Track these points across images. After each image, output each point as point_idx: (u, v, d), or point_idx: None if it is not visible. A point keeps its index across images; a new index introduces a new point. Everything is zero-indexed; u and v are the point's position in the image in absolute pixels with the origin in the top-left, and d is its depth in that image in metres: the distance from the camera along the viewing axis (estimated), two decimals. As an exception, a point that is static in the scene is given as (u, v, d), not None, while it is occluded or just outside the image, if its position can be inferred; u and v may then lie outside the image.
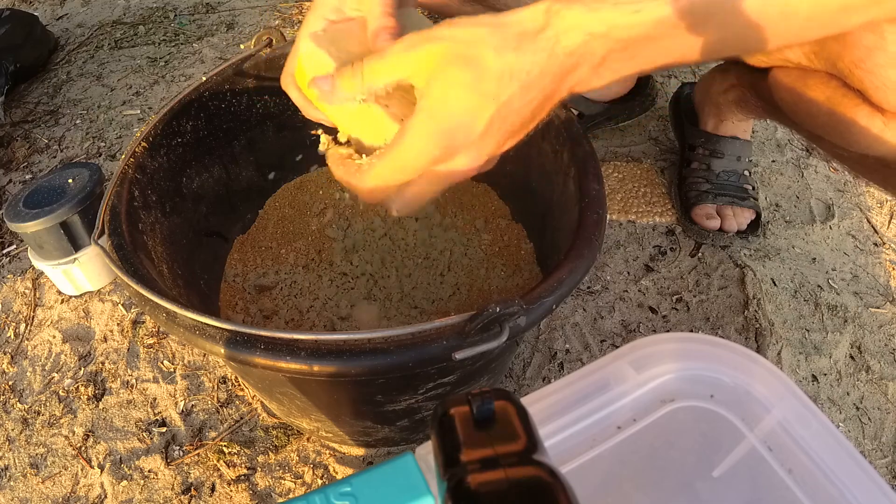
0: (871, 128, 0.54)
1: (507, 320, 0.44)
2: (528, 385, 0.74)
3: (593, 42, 0.42)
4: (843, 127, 0.56)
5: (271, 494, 0.66)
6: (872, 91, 0.52)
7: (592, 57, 0.43)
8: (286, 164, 0.82)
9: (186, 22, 1.31)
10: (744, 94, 0.79)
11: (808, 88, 0.58)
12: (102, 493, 0.67)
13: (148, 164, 0.63)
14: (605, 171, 0.96)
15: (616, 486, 0.50)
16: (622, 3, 0.42)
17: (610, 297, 0.83)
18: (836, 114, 0.56)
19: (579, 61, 0.43)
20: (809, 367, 0.77)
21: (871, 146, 0.55)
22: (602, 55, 0.43)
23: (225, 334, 0.46)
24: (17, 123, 1.10)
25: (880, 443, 0.72)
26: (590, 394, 0.45)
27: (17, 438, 0.72)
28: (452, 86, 0.42)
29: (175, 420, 0.72)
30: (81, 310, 0.82)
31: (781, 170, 1.00)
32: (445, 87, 0.42)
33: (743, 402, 0.46)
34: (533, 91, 0.43)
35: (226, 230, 0.77)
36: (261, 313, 0.72)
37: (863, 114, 0.54)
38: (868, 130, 0.54)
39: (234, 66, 0.70)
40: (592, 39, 0.42)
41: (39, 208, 0.75)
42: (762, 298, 0.82)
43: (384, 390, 0.54)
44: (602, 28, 0.42)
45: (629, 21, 0.42)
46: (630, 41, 0.42)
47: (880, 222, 0.94)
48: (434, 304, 0.72)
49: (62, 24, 1.33)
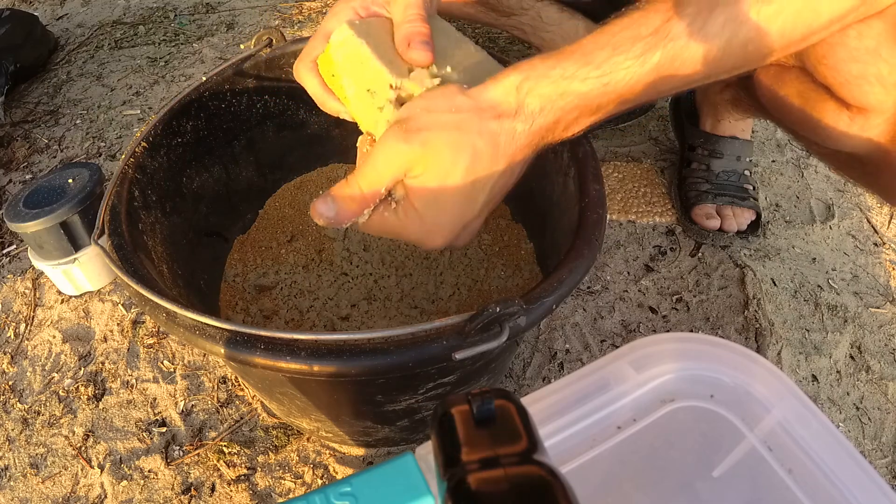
0: (838, 123, 0.54)
1: (507, 320, 0.44)
2: (528, 385, 0.74)
3: (566, 112, 0.44)
4: (814, 123, 0.56)
5: (271, 494, 0.66)
6: (837, 87, 0.52)
7: (566, 120, 0.45)
8: (286, 164, 0.82)
9: (186, 22, 1.31)
10: (738, 94, 0.79)
11: (784, 85, 0.58)
12: (102, 493, 0.67)
13: (148, 164, 0.63)
14: (605, 171, 0.96)
15: (616, 486, 0.50)
16: (590, 79, 0.43)
17: (610, 297, 0.83)
18: (807, 110, 0.57)
19: (554, 127, 0.45)
20: (809, 367, 0.77)
21: (840, 141, 0.55)
22: (575, 117, 0.45)
23: (225, 334, 0.46)
24: (17, 123, 1.10)
25: (880, 443, 0.72)
26: (590, 394, 0.45)
27: (17, 438, 0.72)
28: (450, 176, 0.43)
29: (175, 420, 0.72)
30: (81, 310, 0.82)
31: (781, 170, 1.00)
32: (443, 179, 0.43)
33: (743, 402, 0.46)
34: (516, 161, 0.46)
35: (226, 230, 0.77)
36: (261, 313, 0.72)
37: (830, 109, 0.54)
38: (836, 126, 0.55)
39: (234, 66, 0.70)
40: (564, 114, 0.44)
41: (39, 208, 0.75)
42: (762, 298, 0.82)
43: (384, 390, 0.54)
44: (573, 102, 0.44)
45: (599, 91, 0.44)
46: (601, 104, 0.45)
47: (880, 222, 0.94)
48: (434, 304, 0.72)
49: (62, 24, 1.33)
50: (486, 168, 0.44)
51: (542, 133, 0.45)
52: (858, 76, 0.50)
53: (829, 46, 0.50)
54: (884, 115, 0.52)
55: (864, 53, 0.49)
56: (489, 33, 1.23)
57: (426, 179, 0.44)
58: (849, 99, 0.52)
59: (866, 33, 0.48)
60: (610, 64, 0.43)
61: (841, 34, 0.49)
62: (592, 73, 0.43)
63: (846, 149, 0.56)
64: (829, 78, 0.52)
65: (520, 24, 0.81)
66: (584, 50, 0.44)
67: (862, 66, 0.49)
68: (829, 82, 0.52)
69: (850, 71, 0.50)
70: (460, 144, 0.42)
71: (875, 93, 0.50)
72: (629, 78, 0.43)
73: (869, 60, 0.49)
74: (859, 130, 0.53)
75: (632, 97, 0.45)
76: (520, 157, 0.45)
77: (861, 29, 0.48)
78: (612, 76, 0.43)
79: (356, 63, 0.48)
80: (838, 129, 0.54)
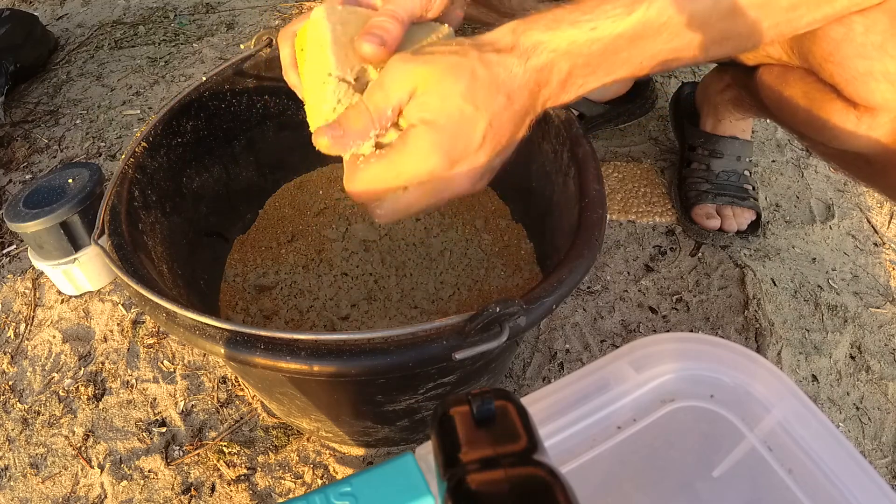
0: (845, 123, 0.54)
1: (507, 320, 0.44)
2: (528, 385, 0.74)
3: (558, 59, 0.45)
4: (820, 123, 0.56)
5: (271, 494, 0.66)
6: (844, 85, 0.52)
7: (559, 73, 0.45)
8: (286, 164, 0.82)
9: (186, 22, 1.31)
10: (739, 94, 0.79)
11: (788, 85, 0.58)
12: (102, 493, 0.67)
13: (148, 164, 0.63)
14: (605, 171, 0.96)
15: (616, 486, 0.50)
16: (580, 22, 0.44)
17: (610, 297, 0.83)
18: (812, 110, 0.56)
19: (548, 77, 0.45)
20: (809, 367, 0.77)
21: (847, 141, 0.55)
22: (567, 70, 0.45)
23: (225, 334, 0.46)
24: (17, 123, 1.10)
25: (880, 443, 0.72)
26: (590, 394, 0.45)
27: (17, 438, 0.72)
28: (450, 96, 0.43)
29: (175, 420, 0.72)
30: (81, 310, 0.82)
31: (781, 170, 1.00)
32: (443, 99, 0.43)
33: (743, 402, 0.46)
34: (516, 103, 0.45)
35: (226, 230, 0.77)
36: (261, 313, 0.72)
37: (837, 109, 0.54)
38: (843, 125, 0.54)
39: (234, 66, 0.70)
40: (557, 56, 0.45)
41: (39, 208, 0.75)
42: (762, 298, 0.82)
43: (384, 390, 0.54)
44: (563, 45, 0.44)
45: (587, 37, 0.44)
46: (591, 56, 0.45)
47: (880, 222, 0.94)
48: (434, 304, 0.72)
49: (62, 24, 1.33)
50: (485, 93, 0.44)
51: (537, 77, 0.45)
52: (865, 73, 0.50)
53: (834, 43, 0.50)
54: (891, 113, 0.51)
55: (871, 49, 0.49)
56: (489, 33, 1.23)
57: (428, 99, 0.43)
58: (855, 97, 0.52)
59: (872, 28, 0.48)
60: (599, 11, 0.44)
61: (847, 30, 0.49)
62: (581, 17, 0.44)
63: (853, 149, 0.56)
64: (835, 76, 0.52)
65: None
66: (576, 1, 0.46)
67: (869, 62, 0.49)
68: (835, 80, 0.52)
69: (857, 68, 0.50)
70: (461, 66, 0.43)
71: (882, 90, 0.50)
72: (616, 28, 0.44)
73: (876, 56, 0.49)
74: (867, 130, 0.53)
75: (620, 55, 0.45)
76: (520, 99, 0.45)
77: (868, 25, 0.48)
78: (600, 22, 0.44)
79: (317, 45, 0.48)
80: (845, 129, 0.54)
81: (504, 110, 0.44)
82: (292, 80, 0.55)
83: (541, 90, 0.45)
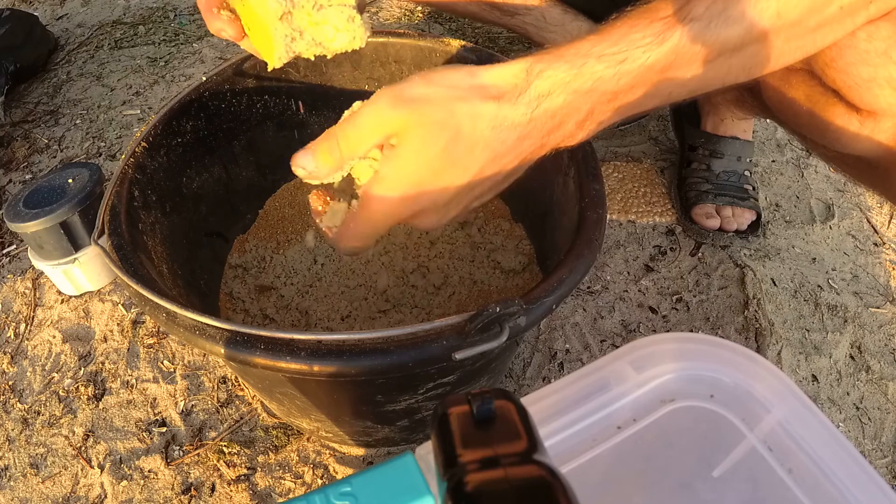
0: (847, 126, 0.54)
1: (507, 320, 0.45)
2: (528, 385, 0.74)
3: (578, 99, 0.41)
4: (823, 126, 0.56)
5: (271, 494, 0.66)
6: (846, 90, 0.51)
7: (577, 113, 0.42)
8: (286, 164, 0.81)
9: (186, 22, 1.31)
10: (741, 94, 0.79)
11: (791, 88, 0.58)
12: (102, 493, 0.67)
13: (148, 164, 0.63)
14: (605, 171, 0.96)
15: (616, 486, 0.50)
16: (605, 56, 0.41)
17: (610, 297, 0.83)
18: (815, 113, 0.56)
19: (563, 120, 0.42)
20: (809, 367, 0.77)
21: (849, 145, 0.55)
22: (588, 109, 0.42)
23: (225, 334, 0.46)
24: (17, 123, 1.10)
25: (880, 443, 0.72)
26: (590, 394, 0.45)
27: (17, 438, 0.72)
28: (424, 153, 0.41)
29: (175, 420, 0.72)
30: (81, 310, 0.82)
31: (781, 170, 1.00)
32: (417, 155, 0.41)
33: (743, 402, 0.46)
34: (507, 158, 0.43)
35: (226, 230, 0.77)
36: (261, 313, 0.72)
37: (839, 113, 0.54)
38: (845, 129, 0.54)
39: (234, 66, 0.70)
40: (577, 97, 0.41)
41: (39, 208, 0.75)
42: (762, 298, 0.82)
43: (384, 390, 0.54)
44: (587, 84, 0.41)
45: (615, 71, 0.41)
46: (617, 92, 0.42)
47: (880, 222, 0.94)
48: (434, 304, 0.72)
49: (62, 24, 1.33)
50: (465, 151, 0.41)
51: (549, 123, 0.42)
52: (869, 79, 0.49)
53: (838, 49, 0.49)
54: (894, 118, 0.51)
55: (875, 56, 0.48)
56: (489, 32, 1.23)
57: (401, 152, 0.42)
58: (858, 103, 0.51)
59: (876, 36, 0.48)
60: (627, 41, 0.41)
61: (850, 37, 0.48)
62: (608, 49, 0.41)
63: (855, 152, 0.55)
64: (837, 81, 0.51)
65: (523, 23, 0.81)
66: (599, 31, 0.42)
67: (872, 69, 0.49)
68: (837, 86, 0.52)
69: (860, 74, 0.50)
70: (444, 125, 0.40)
71: (885, 96, 0.50)
72: (647, 59, 0.41)
73: (879, 63, 0.48)
74: (869, 134, 0.53)
75: (649, 88, 0.42)
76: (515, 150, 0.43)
77: (871, 31, 0.48)
78: (630, 54, 0.40)
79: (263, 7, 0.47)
80: (848, 133, 0.54)
81: (487, 168, 0.43)
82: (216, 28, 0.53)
83: (551, 134, 0.43)
